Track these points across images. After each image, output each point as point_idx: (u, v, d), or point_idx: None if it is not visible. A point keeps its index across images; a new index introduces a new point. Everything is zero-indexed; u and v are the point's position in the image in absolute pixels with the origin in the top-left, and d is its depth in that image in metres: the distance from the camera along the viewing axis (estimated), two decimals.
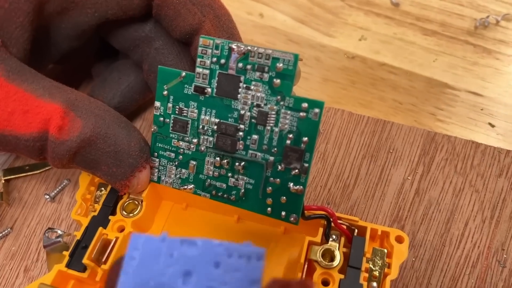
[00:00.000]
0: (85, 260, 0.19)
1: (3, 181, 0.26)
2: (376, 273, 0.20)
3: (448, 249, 0.22)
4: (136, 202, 0.22)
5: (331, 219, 0.20)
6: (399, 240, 0.20)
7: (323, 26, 0.31)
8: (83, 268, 0.20)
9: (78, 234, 0.21)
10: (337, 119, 0.26)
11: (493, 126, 0.27)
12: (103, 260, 0.20)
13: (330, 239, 0.20)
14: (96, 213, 0.21)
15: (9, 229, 0.25)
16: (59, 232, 0.22)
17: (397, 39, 0.30)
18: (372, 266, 0.20)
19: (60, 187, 0.26)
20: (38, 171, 0.26)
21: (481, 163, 0.24)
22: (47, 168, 0.26)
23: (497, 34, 0.30)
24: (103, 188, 0.23)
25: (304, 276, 0.20)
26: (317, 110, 0.18)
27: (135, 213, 0.22)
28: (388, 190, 0.24)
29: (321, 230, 0.20)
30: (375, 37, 0.30)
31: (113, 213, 0.22)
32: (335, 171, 0.25)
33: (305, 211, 0.20)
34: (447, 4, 0.31)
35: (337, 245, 0.20)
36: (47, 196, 0.25)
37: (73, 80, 0.23)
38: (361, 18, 0.31)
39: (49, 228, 0.22)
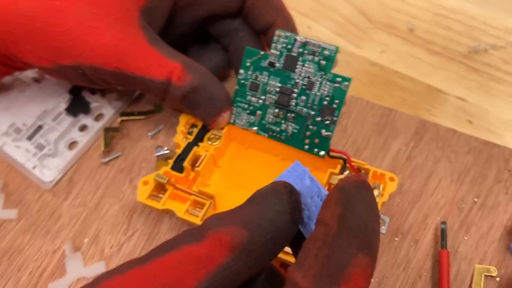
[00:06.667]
0: (185, 164, 0.30)
1: (120, 120, 0.36)
2: None
3: (425, 196, 0.32)
4: (217, 137, 0.32)
5: (347, 160, 0.30)
6: (391, 179, 0.30)
7: (355, 39, 0.42)
8: (181, 171, 0.31)
9: (178, 151, 0.32)
10: (358, 104, 0.36)
11: (471, 122, 0.36)
12: (196, 166, 0.31)
13: (345, 173, 0.31)
14: (191, 140, 0.32)
15: (120, 153, 0.36)
16: (165, 149, 0.33)
17: (408, 55, 0.40)
18: None
19: (157, 129, 0.36)
20: (143, 117, 0.37)
21: (456, 144, 0.34)
22: (149, 115, 0.37)
23: (484, 59, 0.40)
24: (194, 127, 0.33)
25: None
26: (346, 83, 0.29)
27: (215, 143, 0.32)
28: (387, 155, 0.34)
29: (339, 166, 0.30)
30: (392, 51, 0.41)
31: (202, 141, 0.32)
32: (352, 139, 0.35)
33: (330, 152, 0.30)
34: (450, 34, 0.41)
35: None
36: (149, 133, 0.36)
37: None
38: (383, 37, 0.42)
39: (159, 146, 0.33)
